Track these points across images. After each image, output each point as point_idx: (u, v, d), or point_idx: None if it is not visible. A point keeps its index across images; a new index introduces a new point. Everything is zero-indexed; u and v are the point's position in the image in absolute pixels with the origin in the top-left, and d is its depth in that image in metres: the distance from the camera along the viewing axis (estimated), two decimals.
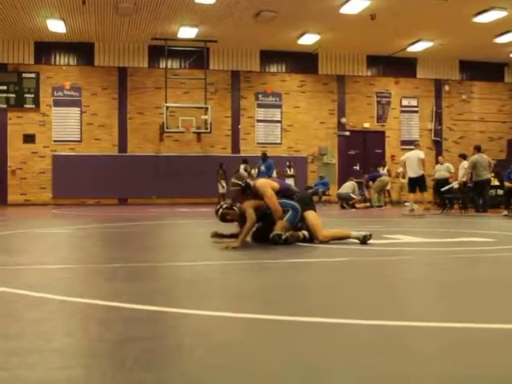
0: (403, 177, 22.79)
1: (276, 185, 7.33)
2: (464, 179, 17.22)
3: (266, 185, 7.30)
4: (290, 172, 23.50)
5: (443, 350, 2.49)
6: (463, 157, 18.44)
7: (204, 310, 3.25)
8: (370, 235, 7.01)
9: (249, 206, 6.93)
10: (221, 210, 7.13)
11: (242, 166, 22.48)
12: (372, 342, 2.64)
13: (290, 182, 22.90)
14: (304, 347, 2.52)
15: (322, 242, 6.98)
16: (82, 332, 2.89)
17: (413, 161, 16.58)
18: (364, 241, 6.94)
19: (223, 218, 7.16)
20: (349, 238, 7.10)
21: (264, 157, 21.50)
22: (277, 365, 2.29)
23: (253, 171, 21.88)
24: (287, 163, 23.61)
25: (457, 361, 2.37)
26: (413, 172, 16.58)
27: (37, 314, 3.24)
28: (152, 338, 2.66)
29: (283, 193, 7.25)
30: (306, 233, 7.07)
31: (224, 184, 22.47)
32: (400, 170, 22.89)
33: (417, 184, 16.59)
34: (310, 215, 7.11)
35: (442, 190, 17.24)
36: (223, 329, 2.92)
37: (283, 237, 6.82)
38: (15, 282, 4.28)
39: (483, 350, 2.54)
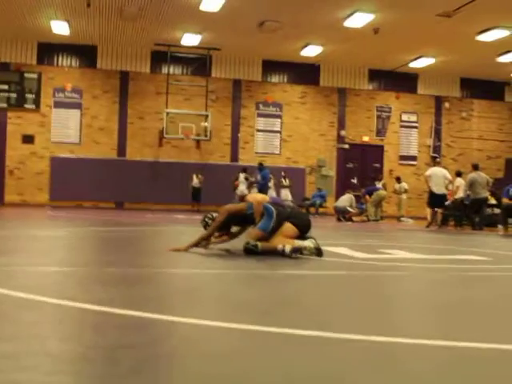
0: (400, 193, 22.86)
1: (266, 198, 7.54)
2: (457, 196, 17.30)
3: (257, 195, 7.76)
4: (286, 183, 23.43)
5: (437, 369, 2.48)
6: (458, 175, 18.41)
7: (198, 319, 3.23)
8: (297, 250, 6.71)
9: (221, 214, 7.18)
10: (206, 220, 7.43)
11: (242, 175, 22.50)
12: (365, 357, 2.62)
13: (286, 192, 22.93)
14: (297, 360, 2.51)
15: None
16: (76, 337, 2.87)
17: (439, 178, 16.67)
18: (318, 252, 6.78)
19: (205, 228, 7.42)
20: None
21: (260, 167, 21.51)
22: (269, 377, 2.28)
23: (253, 179, 21.89)
24: (282, 173, 23.54)
25: (450, 380, 2.36)
26: (438, 189, 16.63)
27: (30, 316, 3.22)
28: (145, 346, 2.64)
29: (273, 204, 7.33)
30: (308, 243, 6.91)
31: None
32: (397, 186, 22.92)
33: (437, 201, 16.67)
34: (285, 226, 6.99)
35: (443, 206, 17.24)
36: (217, 339, 2.91)
37: (251, 243, 6.84)
38: (8, 284, 4.26)
39: (476, 369, 2.53)
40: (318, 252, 6.78)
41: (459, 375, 2.44)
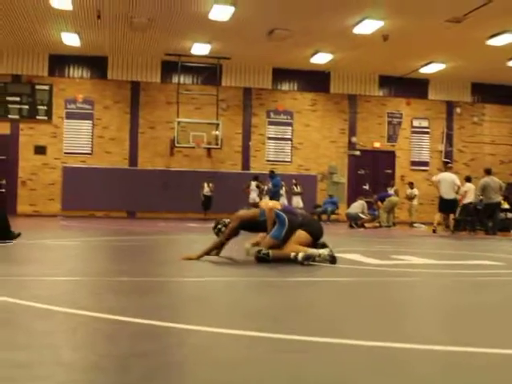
0: (411, 198, 22.78)
1: (278, 205, 7.53)
2: (466, 201, 17.20)
3: (268, 201, 7.92)
4: (297, 189, 23.41)
5: (445, 375, 2.48)
6: (468, 180, 18.27)
7: (209, 327, 3.24)
8: (312, 257, 6.73)
9: (234, 220, 7.22)
10: (219, 226, 7.42)
11: (254, 183, 22.51)
12: (375, 363, 2.62)
13: (297, 200, 22.90)
14: (307, 367, 2.51)
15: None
16: (88, 346, 2.89)
17: (448, 183, 16.61)
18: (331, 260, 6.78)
19: (218, 234, 7.44)
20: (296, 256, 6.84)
21: (272, 174, 21.51)
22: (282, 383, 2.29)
23: (265, 187, 21.87)
24: (293, 181, 23.50)
25: None
26: (447, 194, 16.58)
27: (43, 326, 3.24)
28: (157, 354, 2.66)
29: (285, 212, 7.34)
30: (324, 251, 6.91)
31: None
32: (409, 191, 22.86)
33: (448, 206, 16.65)
34: (298, 233, 7.04)
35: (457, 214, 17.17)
36: (228, 346, 2.91)
37: (263, 251, 6.87)
38: (22, 293, 4.29)
39: (484, 374, 2.52)
40: (332, 259, 6.75)
41: (468, 381, 2.44)
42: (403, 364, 2.66)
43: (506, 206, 18.20)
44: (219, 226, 7.38)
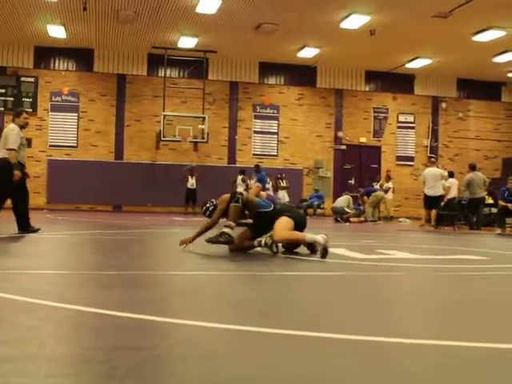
0: (386, 192, 22.66)
1: (263, 193, 7.79)
2: (449, 197, 17.23)
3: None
4: (283, 184, 23.41)
5: (433, 368, 2.49)
6: (451, 175, 18.31)
7: (196, 321, 3.24)
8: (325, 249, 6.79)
9: (221, 203, 7.33)
10: (207, 205, 7.54)
11: (240, 177, 22.50)
12: (362, 357, 2.63)
13: (283, 194, 22.92)
14: (295, 361, 2.52)
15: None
16: (74, 339, 2.88)
17: (431, 179, 16.37)
18: (323, 252, 6.77)
19: (205, 213, 7.61)
20: (304, 241, 7.07)
21: (257, 169, 21.51)
22: (266, 378, 2.29)
23: (252, 181, 21.85)
24: (278, 175, 23.48)
25: (446, 379, 2.37)
26: (428, 191, 16.39)
27: (29, 319, 3.22)
28: (143, 348, 2.65)
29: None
30: (319, 239, 6.95)
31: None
32: (385, 185, 22.68)
33: (431, 202, 16.37)
34: (281, 219, 7.19)
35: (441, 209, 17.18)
36: (215, 340, 2.92)
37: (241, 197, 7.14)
38: (7, 287, 4.27)
39: (472, 368, 2.54)
40: (324, 252, 6.76)
41: (454, 375, 2.46)
42: (392, 358, 2.67)
43: (490, 201, 18.33)
44: (208, 205, 7.50)
